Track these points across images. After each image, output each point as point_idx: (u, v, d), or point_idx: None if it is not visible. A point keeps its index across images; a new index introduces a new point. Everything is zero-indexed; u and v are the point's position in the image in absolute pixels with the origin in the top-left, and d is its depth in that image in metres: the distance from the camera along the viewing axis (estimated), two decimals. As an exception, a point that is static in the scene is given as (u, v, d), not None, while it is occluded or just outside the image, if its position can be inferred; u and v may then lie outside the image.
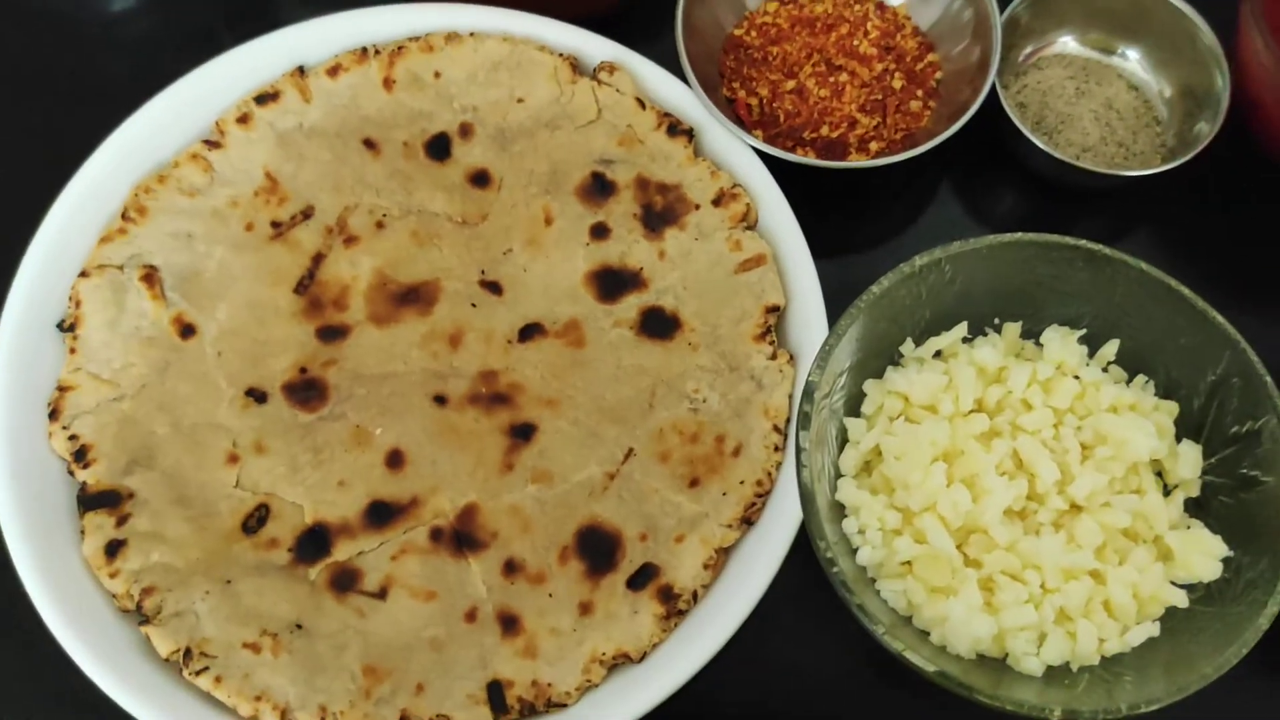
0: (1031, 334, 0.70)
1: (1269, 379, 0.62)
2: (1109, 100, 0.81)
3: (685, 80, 0.77)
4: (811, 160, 0.75)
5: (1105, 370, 0.69)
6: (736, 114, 0.81)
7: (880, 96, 0.81)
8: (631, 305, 0.74)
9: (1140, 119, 0.81)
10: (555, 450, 0.71)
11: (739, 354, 0.72)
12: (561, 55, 0.78)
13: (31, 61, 0.84)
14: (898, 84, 0.81)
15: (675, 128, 0.76)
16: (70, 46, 0.85)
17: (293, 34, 0.78)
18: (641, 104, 0.77)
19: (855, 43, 0.82)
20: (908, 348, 0.69)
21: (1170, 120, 0.82)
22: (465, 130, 0.77)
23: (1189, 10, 0.80)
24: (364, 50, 0.78)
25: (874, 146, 0.80)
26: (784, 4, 0.84)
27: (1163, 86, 0.82)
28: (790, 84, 0.81)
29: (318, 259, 0.75)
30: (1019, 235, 0.66)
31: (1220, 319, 0.64)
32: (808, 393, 0.63)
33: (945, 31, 0.83)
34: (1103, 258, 0.66)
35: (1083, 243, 0.66)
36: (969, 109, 0.76)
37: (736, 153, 0.76)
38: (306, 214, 0.76)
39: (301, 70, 0.78)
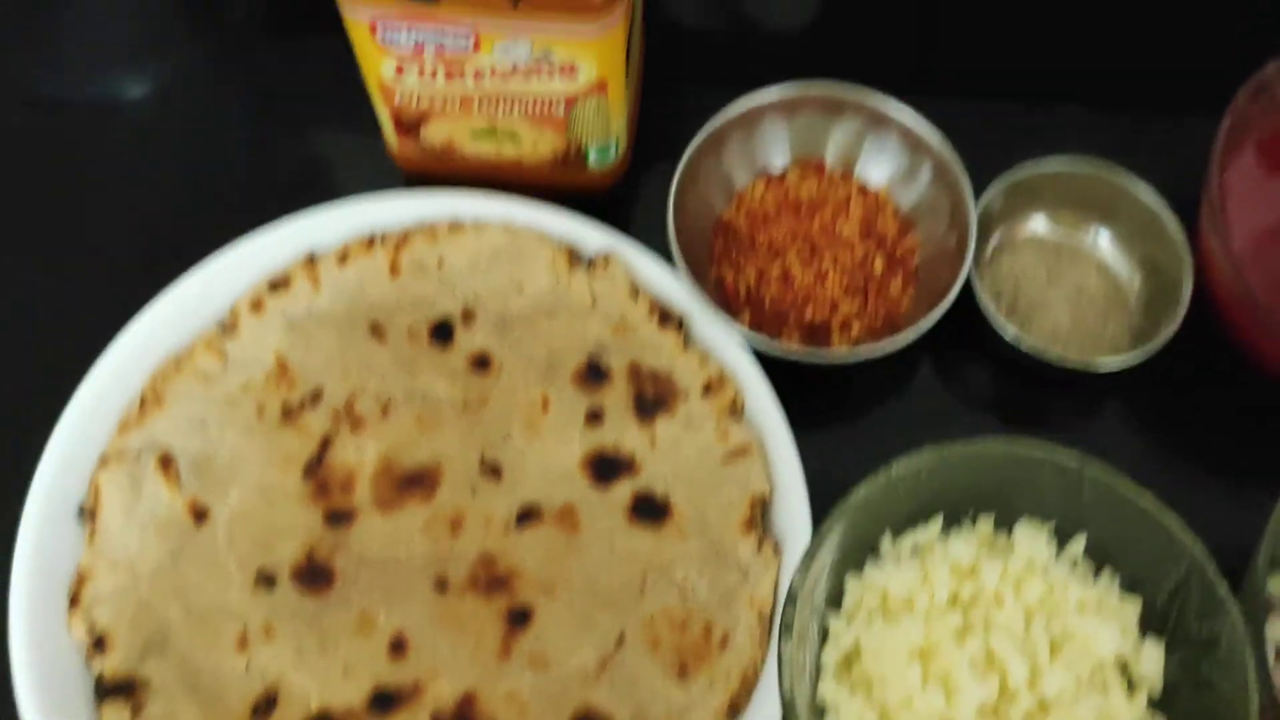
0: (1005, 523, 0.74)
1: (1224, 590, 0.66)
2: (1079, 285, 0.86)
3: (676, 267, 0.81)
4: (796, 353, 0.79)
5: (1075, 564, 0.73)
6: (726, 295, 0.86)
7: (862, 281, 0.85)
8: (625, 490, 0.78)
9: (1110, 302, 0.85)
10: (551, 634, 0.74)
11: (726, 543, 0.76)
12: (559, 246, 0.82)
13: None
14: (879, 268, 0.85)
15: (666, 318, 0.80)
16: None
17: (303, 220, 0.82)
18: (634, 295, 0.81)
19: (838, 227, 0.86)
20: (886, 544, 0.72)
21: (1139, 303, 0.86)
22: (467, 316, 0.81)
23: (1156, 200, 0.84)
24: (371, 238, 0.82)
25: (856, 328, 0.84)
26: (770, 186, 0.89)
27: (1132, 270, 0.87)
28: (776, 268, 0.85)
29: (326, 443, 0.78)
30: (992, 444, 0.70)
31: (1179, 529, 0.67)
32: (790, 597, 0.66)
33: (924, 213, 0.87)
34: (1071, 470, 0.70)
35: (1054, 455, 0.69)
36: (947, 296, 0.80)
37: (724, 339, 0.80)
38: (315, 398, 0.79)
39: (312, 257, 0.82)
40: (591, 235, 0.82)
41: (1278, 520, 0.70)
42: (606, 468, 0.78)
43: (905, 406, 0.86)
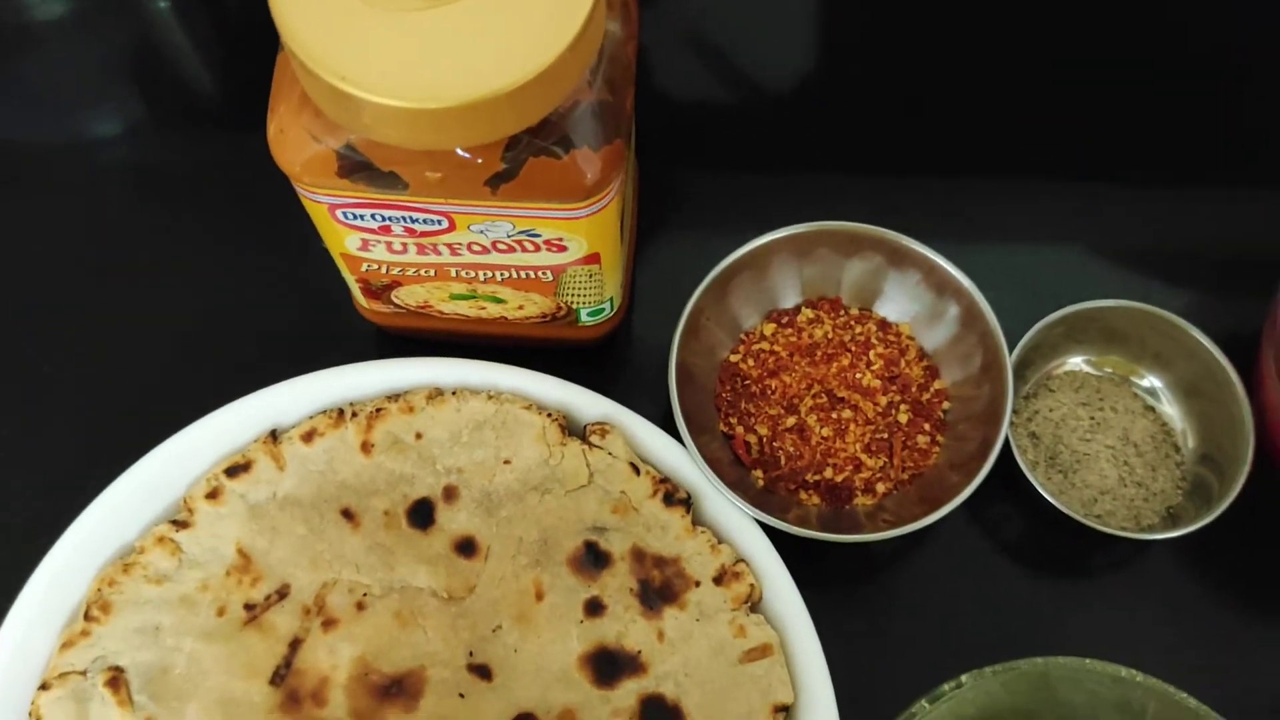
0: (1054, 734, 0.66)
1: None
2: (1125, 432, 0.77)
3: (680, 439, 0.72)
4: (817, 534, 0.71)
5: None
6: (734, 451, 0.77)
7: (885, 434, 0.77)
8: (630, 692, 0.70)
9: (1159, 450, 0.77)
10: None
11: (746, 758, 0.68)
12: (550, 414, 0.73)
13: None
14: (904, 418, 0.77)
15: (671, 496, 0.72)
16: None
17: (265, 396, 0.74)
18: (636, 469, 0.72)
19: (858, 375, 0.78)
20: (924, 765, 0.64)
21: (1190, 449, 0.78)
22: (450, 494, 0.73)
23: (1208, 343, 0.76)
24: (340, 411, 0.74)
25: (880, 488, 0.76)
26: (782, 327, 0.80)
27: (1184, 416, 0.79)
28: (790, 420, 0.77)
29: (294, 645, 0.70)
30: (1041, 663, 0.62)
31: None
32: None
33: (951, 356, 0.79)
34: (1131, 682, 0.62)
35: (1111, 668, 0.62)
36: (986, 460, 0.72)
37: (736, 521, 0.72)
38: (282, 593, 0.71)
39: (274, 435, 0.73)
40: (586, 402, 0.74)
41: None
42: (610, 666, 0.70)
43: (938, 577, 0.77)
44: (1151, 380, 0.80)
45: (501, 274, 0.68)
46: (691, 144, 0.88)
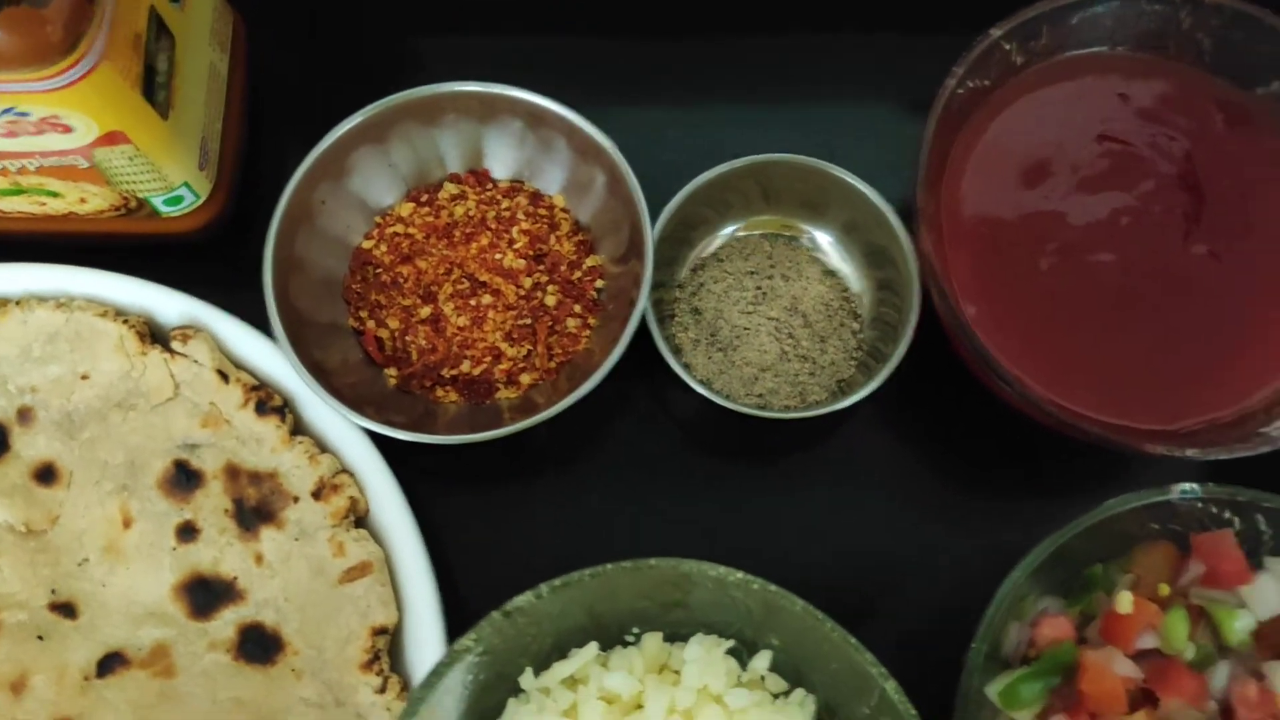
0: (680, 637, 0.60)
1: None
2: (795, 301, 0.70)
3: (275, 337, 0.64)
4: (416, 436, 0.63)
5: (763, 678, 0.59)
6: (365, 349, 0.70)
7: (529, 320, 0.69)
8: (228, 622, 0.63)
9: (833, 319, 0.70)
10: (139, 815, 0.60)
11: (345, 685, 0.61)
12: (128, 321, 0.65)
13: None
14: (552, 300, 0.70)
15: (264, 405, 0.64)
16: None
17: None
18: (225, 377, 0.65)
19: (498, 255, 0.70)
20: (527, 679, 0.58)
21: (867, 316, 0.71)
22: (25, 416, 0.65)
23: (876, 198, 0.68)
24: (-110, 330, 0.65)
25: (525, 379, 0.69)
26: (421, 205, 0.72)
27: (862, 278, 0.71)
28: (426, 310, 0.69)
29: None
30: (634, 564, 0.56)
31: (866, 661, 0.54)
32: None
33: (603, 228, 0.71)
34: (734, 582, 0.55)
35: (709, 570, 0.55)
36: (621, 337, 0.65)
37: (340, 428, 0.65)
38: None
39: None
40: (168, 303, 0.66)
41: (997, 612, 0.57)
42: (206, 596, 0.63)
43: (583, 470, 0.70)
44: (827, 242, 0.72)
45: (29, 162, 0.59)
46: (302, 20, 0.78)
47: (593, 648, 0.59)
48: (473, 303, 0.69)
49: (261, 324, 0.66)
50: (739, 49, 0.79)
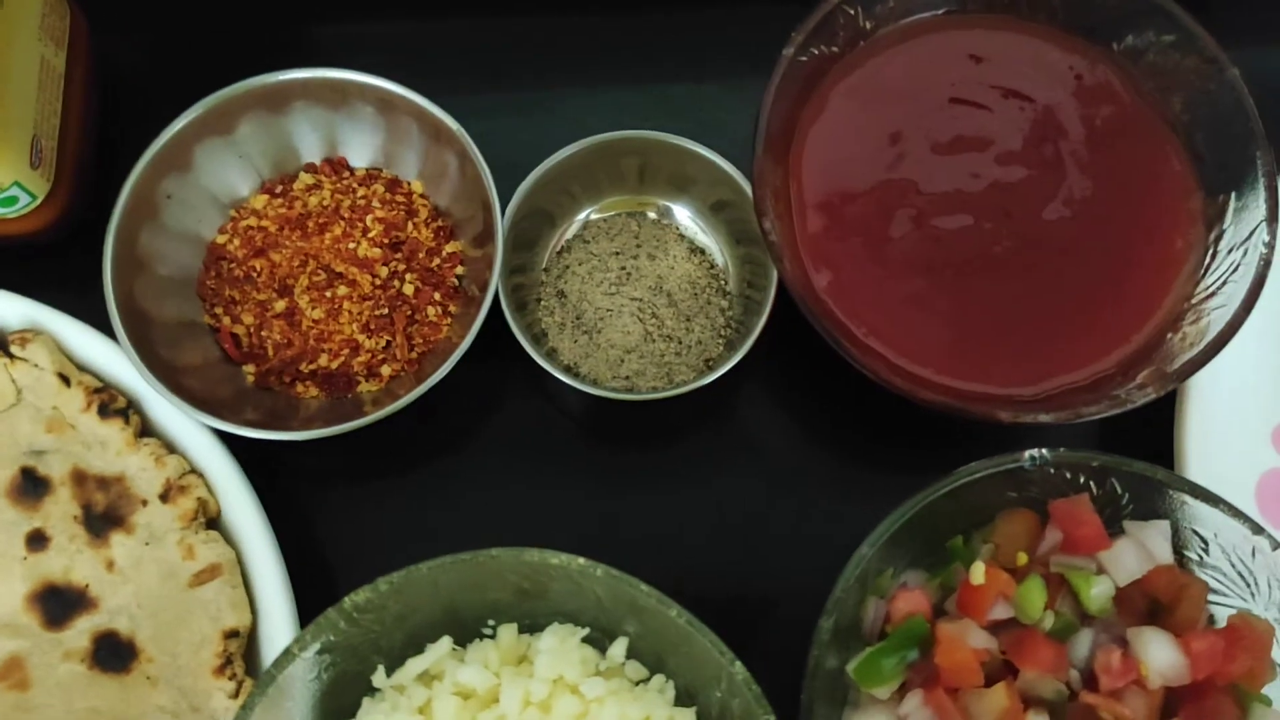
0: (541, 628, 0.59)
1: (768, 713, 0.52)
2: (660, 281, 0.69)
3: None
4: (259, 433, 0.62)
5: (623, 666, 0.58)
6: (222, 347, 0.68)
7: (387, 310, 0.68)
8: (82, 631, 0.61)
9: (699, 297, 0.69)
10: (-8, 832, 0.59)
11: (199, 691, 0.60)
12: (-37, 327, 0.63)
13: None
14: (410, 289, 0.68)
15: (107, 407, 0.63)
16: None
17: None
18: (66, 380, 0.63)
19: (352, 244, 0.68)
20: (379, 677, 0.57)
21: (734, 293, 0.70)
22: None
23: (734, 172, 0.67)
24: None
25: (386, 371, 0.68)
26: (275, 197, 0.70)
27: (730, 255, 0.70)
28: (281, 304, 0.68)
29: None
30: (473, 556, 0.54)
31: (714, 646, 0.53)
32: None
33: (461, 213, 0.70)
34: (577, 569, 0.54)
35: (550, 558, 0.54)
36: (475, 322, 0.64)
37: (189, 429, 0.63)
38: None
39: None
40: (8, 308, 0.64)
41: (844, 588, 0.55)
42: (59, 605, 0.62)
43: (462, 453, 0.69)
44: (695, 219, 0.71)
45: None
46: (150, 15, 0.76)
47: (445, 642, 0.57)
48: (328, 294, 0.68)
49: (108, 325, 0.64)
50: (607, 28, 0.77)
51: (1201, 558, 0.57)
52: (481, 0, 0.77)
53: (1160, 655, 0.54)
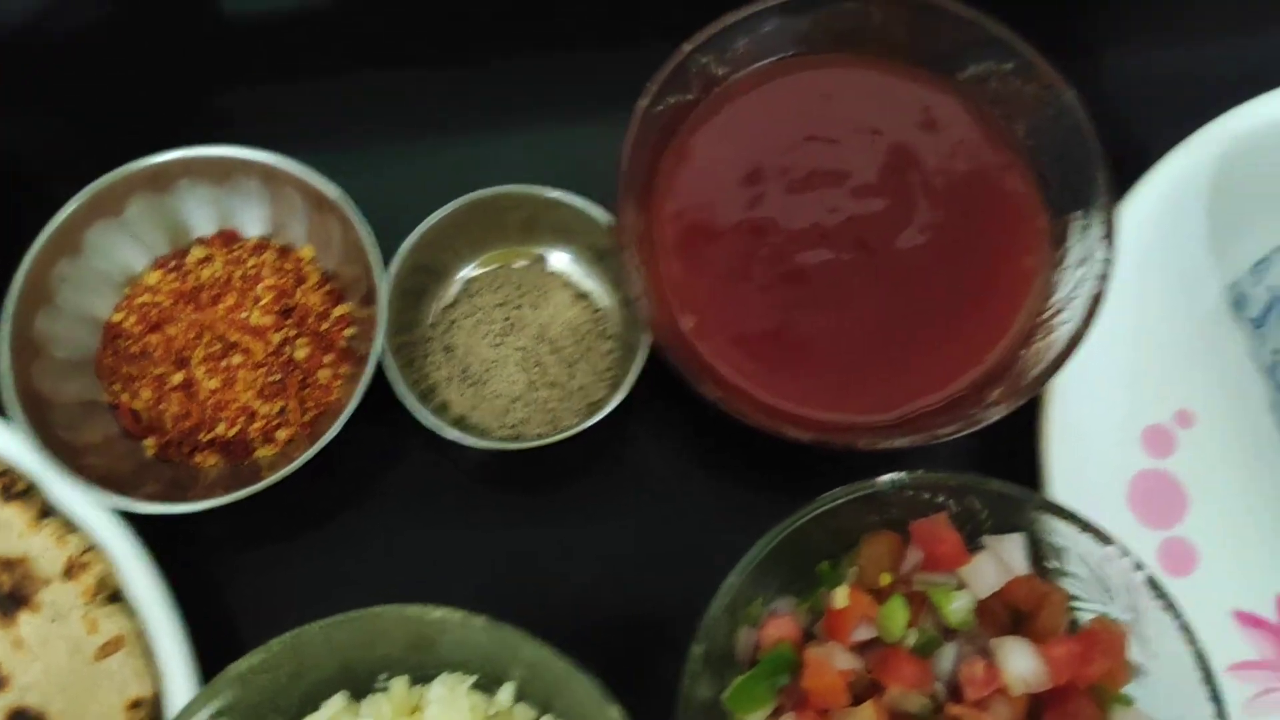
0: (430, 678, 0.61)
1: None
2: (543, 329, 0.71)
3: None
4: (160, 508, 0.64)
5: (513, 710, 0.60)
6: (123, 424, 0.70)
7: (280, 376, 0.70)
8: (-4, 709, 0.64)
9: (582, 343, 0.71)
10: None
11: (108, 761, 0.62)
12: None
13: None
14: (302, 353, 0.70)
15: (9, 490, 0.65)
16: None
17: None
18: (-36, 467, 0.65)
19: (244, 313, 0.70)
20: (273, 739, 0.59)
21: (620, 331, 0.72)
22: None
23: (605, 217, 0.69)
24: None
25: (282, 435, 0.70)
26: (169, 272, 0.73)
27: (612, 299, 0.72)
28: (178, 377, 0.70)
29: None
30: (360, 614, 0.57)
31: (593, 686, 0.55)
32: None
33: (348, 276, 0.72)
34: (457, 621, 0.57)
35: (431, 612, 0.56)
36: (362, 378, 0.66)
37: (88, 507, 0.65)
38: None
39: None
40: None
41: (714, 615, 0.57)
42: (-29, 685, 0.64)
43: (366, 511, 0.71)
44: (577, 266, 0.73)
45: None
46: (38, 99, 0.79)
47: (339, 698, 0.59)
48: (224, 364, 0.70)
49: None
50: (481, 80, 0.80)
51: (1062, 567, 0.60)
52: (353, 62, 0.79)
53: (1020, 663, 0.56)
